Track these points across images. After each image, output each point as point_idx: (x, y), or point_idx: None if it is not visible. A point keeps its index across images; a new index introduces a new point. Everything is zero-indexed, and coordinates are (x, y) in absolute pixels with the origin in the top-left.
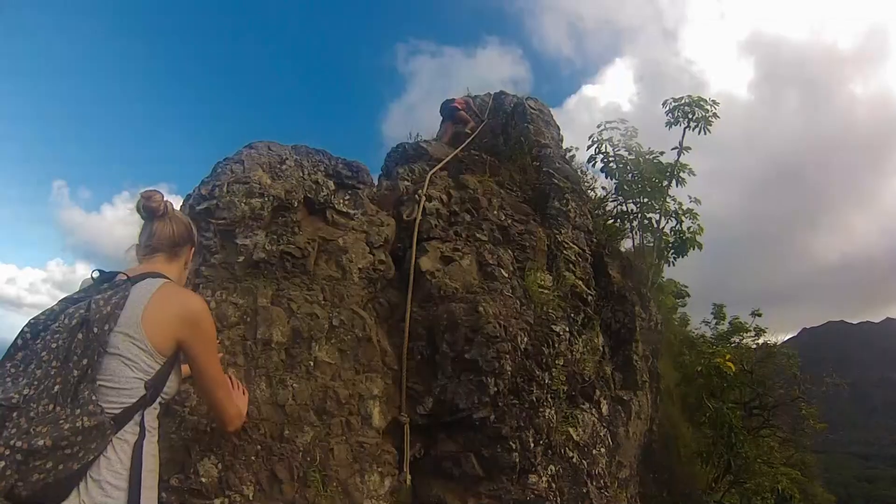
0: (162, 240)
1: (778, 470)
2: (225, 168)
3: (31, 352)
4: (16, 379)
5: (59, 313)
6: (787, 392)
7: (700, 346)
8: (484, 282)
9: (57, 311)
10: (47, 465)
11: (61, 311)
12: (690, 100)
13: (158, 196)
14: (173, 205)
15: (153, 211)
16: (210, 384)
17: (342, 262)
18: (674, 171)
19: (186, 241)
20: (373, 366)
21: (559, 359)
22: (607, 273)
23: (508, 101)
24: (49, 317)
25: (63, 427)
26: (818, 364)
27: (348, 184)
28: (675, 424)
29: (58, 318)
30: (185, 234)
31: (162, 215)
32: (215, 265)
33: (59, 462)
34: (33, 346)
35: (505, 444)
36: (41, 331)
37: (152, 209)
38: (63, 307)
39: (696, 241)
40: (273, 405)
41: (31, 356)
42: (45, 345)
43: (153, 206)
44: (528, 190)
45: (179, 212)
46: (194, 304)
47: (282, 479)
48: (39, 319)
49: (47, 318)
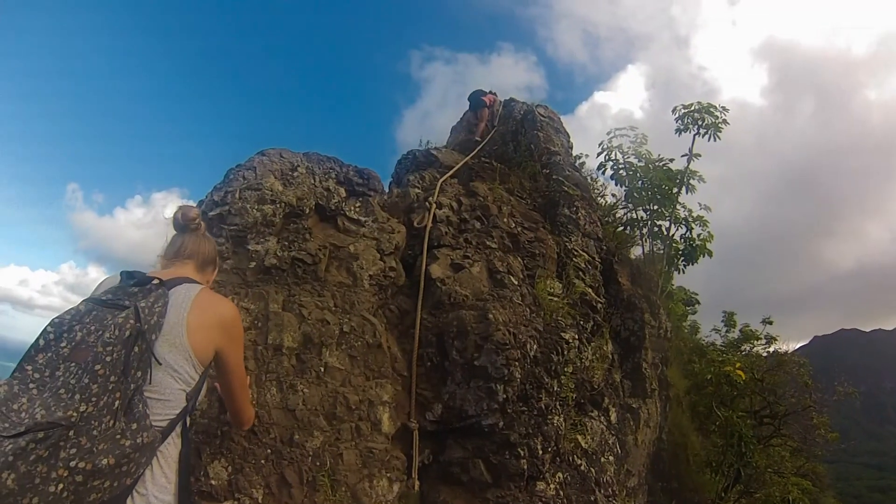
0: (195, 252)
1: (789, 480)
2: (237, 174)
3: (56, 355)
4: (41, 387)
5: (85, 315)
6: (799, 401)
7: (710, 353)
8: (494, 289)
9: (83, 311)
10: (105, 483)
11: (87, 311)
12: (700, 106)
13: (196, 211)
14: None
15: (190, 223)
16: (238, 386)
17: (353, 268)
18: (684, 178)
19: (214, 260)
20: (383, 372)
21: (568, 366)
22: (617, 280)
23: (518, 108)
24: (74, 317)
25: (124, 444)
26: (830, 372)
27: (359, 191)
28: (685, 433)
29: (83, 320)
30: (214, 254)
31: (196, 229)
32: (227, 270)
33: (115, 479)
34: (57, 347)
35: (513, 450)
36: (65, 331)
37: (190, 219)
38: (89, 308)
39: (707, 249)
40: (283, 410)
41: (55, 360)
42: (97, 357)
43: (192, 217)
44: (537, 197)
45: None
46: (231, 311)
47: (291, 483)
48: (64, 319)
49: (72, 319)
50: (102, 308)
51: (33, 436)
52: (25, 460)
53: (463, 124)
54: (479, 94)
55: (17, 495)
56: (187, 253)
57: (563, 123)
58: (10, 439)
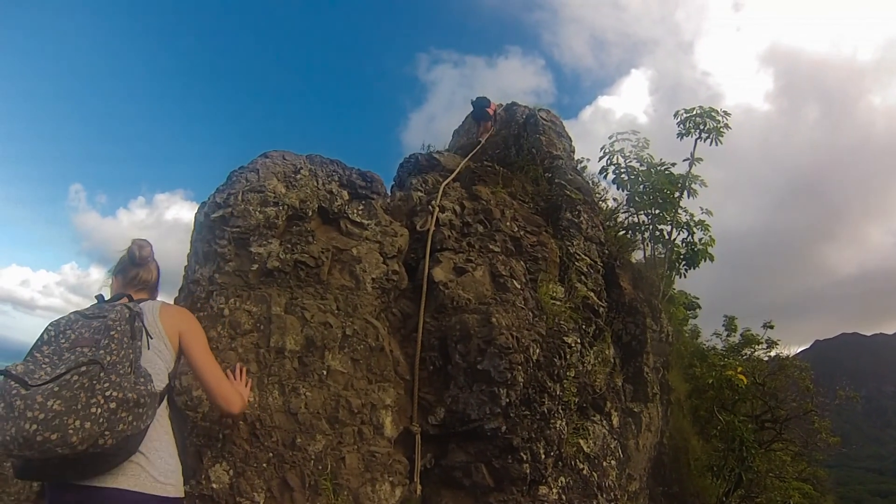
0: (147, 281)
1: (790, 484)
2: (240, 177)
3: (59, 348)
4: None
5: (74, 322)
6: (800, 405)
7: (711, 358)
8: (496, 293)
9: (72, 319)
10: (129, 417)
11: (76, 320)
12: (702, 110)
13: (149, 249)
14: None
15: (143, 261)
16: (207, 367)
17: (356, 271)
18: (685, 183)
19: (158, 285)
20: (385, 375)
21: (570, 370)
22: (619, 285)
23: (520, 112)
24: (66, 323)
25: (140, 388)
26: (831, 377)
27: (362, 194)
28: (686, 437)
29: (72, 326)
30: (158, 279)
31: (148, 263)
32: (229, 273)
33: (136, 418)
34: (58, 343)
35: (516, 455)
36: (62, 331)
37: (144, 258)
38: (76, 318)
39: (708, 253)
40: (285, 413)
41: (59, 351)
42: (111, 327)
43: (145, 256)
44: (540, 201)
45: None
46: (187, 311)
47: (293, 487)
48: (60, 322)
49: (66, 324)
50: (86, 318)
51: (76, 370)
52: (70, 388)
53: (464, 129)
54: (484, 102)
55: (64, 416)
56: (140, 283)
57: (566, 127)
58: (53, 381)
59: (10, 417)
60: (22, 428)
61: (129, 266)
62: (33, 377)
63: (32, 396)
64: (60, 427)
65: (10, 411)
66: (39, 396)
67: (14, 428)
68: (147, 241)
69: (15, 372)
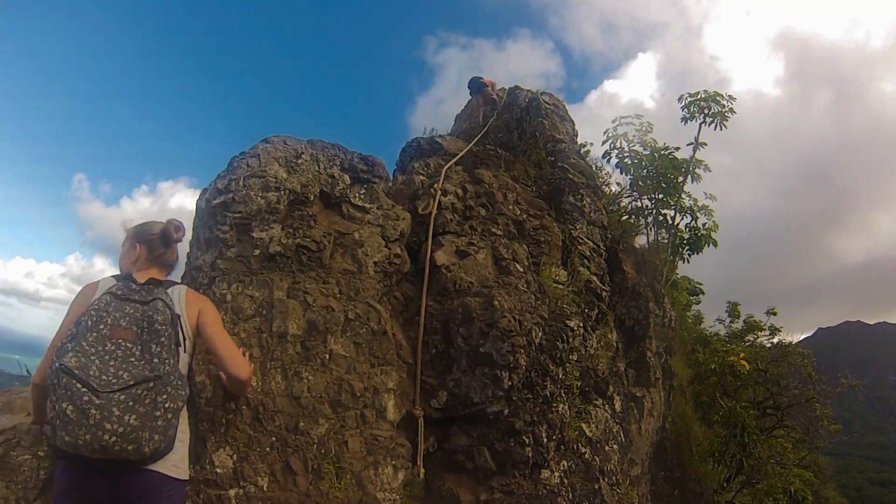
0: (171, 261)
1: (791, 471)
2: (241, 162)
3: (100, 334)
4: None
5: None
6: (802, 392)
7: (714, 343)
8: (499, 276)
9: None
10: (176, 421)
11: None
12: (706, 95)
13: (184, 231)
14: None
15: (178, 242)
16: (219, 336)
17: (358, 255)
18: (689, 167)
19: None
20: (388, 359)
21: (573, 354)
22: (621, 269)
23: (523, 95)
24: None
25: (182, 395)
26: (833, 364)
27: (364, 178)
28: (688, 423)
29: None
30: (177, 260)
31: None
32: (231, 258)
33: (180, 421)
34: (97, 329)
35: (518, 438)
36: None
37: (179, 241)
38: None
39: (712, 238)
40: (288, 397)
41: (101, 339)
42: (161, 332)
43: (180, 238)
44: (542, 185)
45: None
46: (208, 299)
47: (296, 471)
48: (98, 307)
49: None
50: (119, 300)
51: (145, 385)
52: (142, 403)
53: (466, 113)
54: (477, 79)
55: (140, 430)
56: (163, 262)
57: (571, 111)
58: (122, 391)
59: (84, 424)
60: (100, 438)
61: (159, 244)
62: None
63: (108, 408)
64: (137, 440)
65: (83, 418)
66: (116, 410)
67: (89, 435)
68: (183, 224)
69: (76, 370)
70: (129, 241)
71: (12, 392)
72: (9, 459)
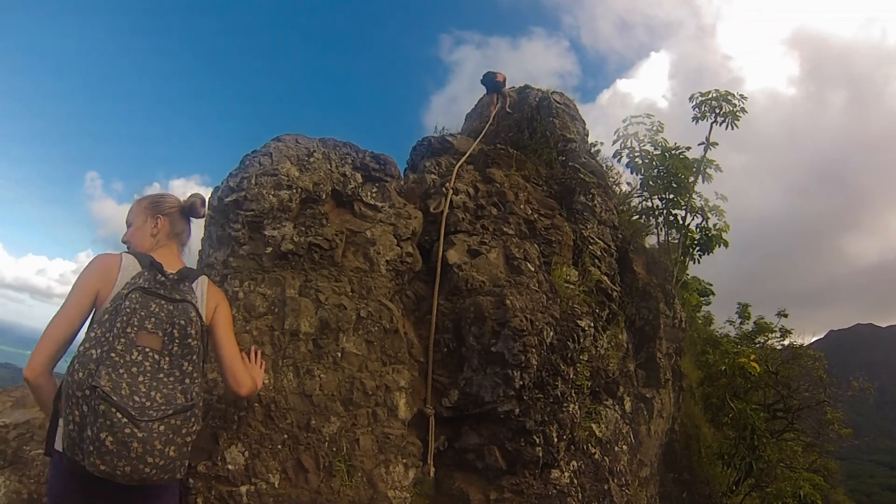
0: (186, 240)
1: (800, 475)
2: (253, 160)
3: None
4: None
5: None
6: (813, 395)
7: (724, 345)
8: (510, 275)
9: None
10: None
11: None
12: (718, 94)
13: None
14: None
15: (202, 217)
16: (226, 344)
17: (370, 254)
18: (700, 167)
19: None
20: (399, 357)
21: (584, 354)
22: (632, 269)
23: (533, 95)
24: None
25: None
26: (845, 367)
27: (376, 176)
28: (697, 424)
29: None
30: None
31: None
32: (243, 256)
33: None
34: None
35: (529, 438)
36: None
37: (203, 215)
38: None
39: (723, 239)
40: (300, 395)
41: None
42: (192, 349)
43: (205, 214)
44: (553, 184)
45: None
46: (224, 294)
47: (308, 468)
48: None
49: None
50: (147, 297)
51: (183, 415)
52: (180, 434)
53: (477, 112)
54: (491, 75)
55: (176, 460)
56: (181, 240)
57: (583, 111)
58: (159, 421)
59: (125, 457)
60: (141, 470)
61: (181, 220)
62: (124, 395)
63: (150, 441)
64: (173, 469)
65: (124, 450)
66: (158, 443)
67: (129, 468)
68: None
69: (113, 395)
70: (145, 214)
71: (25, 387)
72: (21, 454)
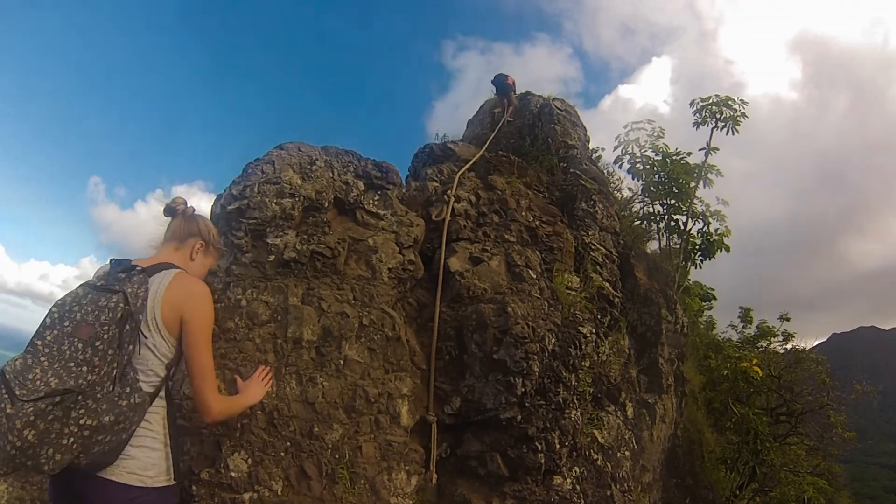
0: (174, 232)
1: (804, 479)
2: (256, 168)
3: (62, 332)
4: (51, 359)
5: (83, 297)
6: (816, 399)
7: (726, 349)
8: (512, 283)
9: (80, 294)
10: (106, 437)
11: (84, 294)
12: (718, 99)
13: (181, 200)
14: (195, 209)
15: (172, 211)
16: (194, 363)
17: (372, 261)
18: (701, 173)
19: (194, 234)
20: (402, 365)
21: (586, 360)
22: (634, 275)
23: (535, 101)
24: (73, 300)
25: (121, 405)
26: (848, 370)
27: (378, 184)
28: (700, 429)
29: (81, 302)
30: (193, 229)
31: (179, 214)
32: (246, 264)
33: (114, 434)
34: (61, 326)
35: (531, 444)
36: (66, 312)
37: (171, 209)
38: (85, 292)
39: (724, 244)
40: (303, 402)
41: (61, 337)
42: (98, 335)
43: (172, 207)
44: (555, 191)
45: (200, 215)
46: (198, 287)
47: (310, 476)
48: (66, 301)
49: (72, 301)
50: (96, 291)
51: (51, 399)
52: (44, 419)
53: (479, 119)
54: (503, 77)
55: (37, 447)
56: (169, 235)
57: (584, 117)
58: (31, 403)
59: (2, 434)
60: (3, 447)
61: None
62: (28, 379)
63: (13, 418)
64: (34, 456)
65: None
66: (18, 422)
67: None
68: (182, 198)
69: (11, 371)
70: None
71: None
72: None
